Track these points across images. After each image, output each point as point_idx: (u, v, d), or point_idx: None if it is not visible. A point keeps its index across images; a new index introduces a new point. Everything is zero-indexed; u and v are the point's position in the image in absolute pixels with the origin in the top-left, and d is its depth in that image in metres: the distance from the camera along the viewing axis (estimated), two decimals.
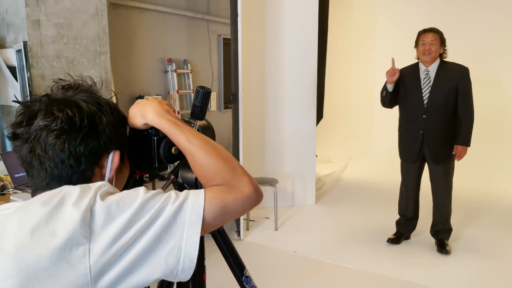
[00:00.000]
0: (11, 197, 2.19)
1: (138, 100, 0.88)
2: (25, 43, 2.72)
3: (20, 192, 2.28)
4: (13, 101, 0.79)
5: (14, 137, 0.74)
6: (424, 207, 3.49)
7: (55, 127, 0.72)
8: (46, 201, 0.66)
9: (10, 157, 2.37)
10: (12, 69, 2.94)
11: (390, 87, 3.26)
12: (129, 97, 4.21)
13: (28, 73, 2.73)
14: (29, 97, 0.76)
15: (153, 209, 0.67)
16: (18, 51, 2.82)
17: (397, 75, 3.19)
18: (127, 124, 0.86)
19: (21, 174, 2.33)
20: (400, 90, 3.30)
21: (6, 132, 3.08)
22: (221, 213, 0.73)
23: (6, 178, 2.42)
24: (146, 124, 0.84)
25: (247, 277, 1.12)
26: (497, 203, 4.58)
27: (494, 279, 2.91)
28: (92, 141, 0.75)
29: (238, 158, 3.56)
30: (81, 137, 0.73)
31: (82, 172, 0.75)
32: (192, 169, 0.82)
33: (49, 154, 0.72)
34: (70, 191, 0.67)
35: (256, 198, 0.79)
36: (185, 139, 0.80)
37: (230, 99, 3.78)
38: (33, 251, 0.61)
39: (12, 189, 2.30)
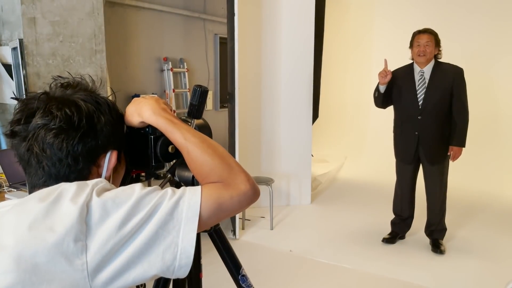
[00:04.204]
0: (6, 195, 2.18)
1: (135, 99, 0.88)
2: (20, 41, 2.71)
3: (15, 190, 2.27)
4: (12, 98, 0.79)
5: (12, 134, 0.74)
6: (419, 207, 3.51)
7: (53, 126, 0.72)
8: (43, 197, 0.66)
9: (5, 155, 2.36)
10: (7, 67, 2.93)
11: (382, 88, 3.27)
12: (125, 95, 4.20)
13: (24, 71, 2.71)
14: (27, 95, 0.76)
15: (149, 205, 0.67)
16: (14, 48, 2.81)
17: (389, 77, 3.19)
18: (124, 123, 0.86)
19: None
20: (393, 91, 3.31)
21: (1, 130, 3.06)
22: (217, 210, 0.74)
23: (1, 176, 2.41)
24: (142, 122, 0.84)
25: (243, 275, 1.12)
26: (492, 203, 4.61)
27: (488, 278, 2.93)
28: (90, 141, 0.75)
29: (234, 157, 3.56)
30: (79, 136, 0.73)
31: (79, 171, 0.75)
32: (189, 166, 0.82)
33: (47, 153, 0.73)
34: (67, 187, 0.68)
35: (253, 195, 0.79)
36: (182, 137, 0.80)
37: (226, 98, 3.78)
38: (31, 246, 0.61)
39: (7, 187, 2.29)
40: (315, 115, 4.85)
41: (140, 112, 0.84)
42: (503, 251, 3.40)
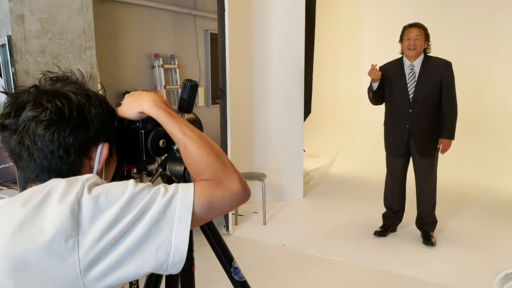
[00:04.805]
0: None
1: (133, 92, 0.89)
2: (9, 38, 2.68)
3: (6, 188, 2.25)
4: (1, 91, 0.79)
5: (2, 128, 0.74)
6: (409, 200, 3.55)
7: (44, 118, 0.71)
8: (32, 195, 0.67)
9: None
10: None
11: (375, 86, 3.30)
12: (115, 92, 4.18)
13: (13, 69, 2.69)
14: (17, 88, 0.76)
15: (142, 203, 0.67)
16: (2, 45, 2.78)
17: (379, 73, 3.23)
18: (115, 117, 0.87)
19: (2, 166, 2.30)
20: (385, 86, 3.34)
21: None
22: (209, 209, 0.74)
23: None
24: (141, 113, 0.85)
25: (235, 268, 1.13)
26: (481, 195, 4.67)
27: (479, 269, 2.98)
28: (81, 132, 0.75)
29: (226, 154, 3.57)
30: (71, 128, 0.73)
31: (71, 163, 0.75)
32: (184, 161, 0.83)
33: (38, 145, 0.72)
34: (57, 184, 0.67)
35: (244, 196, 0.80)
36: (180, 131, 0.81)
37: (218, 95, 3.78)
38: (22, 247, 0.62)
39: None
40: (307, 111, 4.87)
41: (141, 103, 0.84)
42: (493, 242, 3.45)
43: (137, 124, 0.89)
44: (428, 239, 3.36)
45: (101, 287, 0.64)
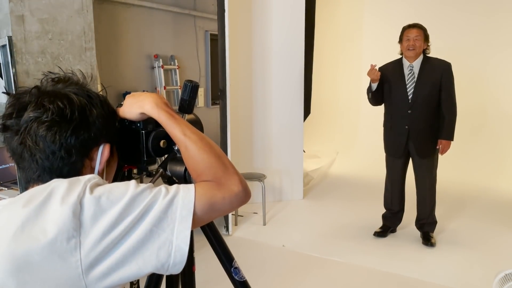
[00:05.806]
0: None
1: (134, 93, 0.89)
2: (9, 39, 2.68)
3: (6, 189, 2.25)
4: (3, 92, 0.79)
5: (4, 129, 0.74)
6: (409, 201, 3.55)
7: (46, 119, 0.72)
8: (34, 195, 0.67)
9: None
10: None
11: (374, 86, 3.30)
12: (115, 93, 4.18)
13: (13, 69, 2.69)
14: (18, 89, 0.76)
15: (144, 203, 0.68)
16: (3, 46, 2.78)
17: (378, 73, 3.23)
18: (117, 118, 0.87)
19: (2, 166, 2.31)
20: (384, 87, 3.34)
21: None
22: (209, 210, 0.75)
23: None
24: (143, 114, 0.85)
25: (235, 268, 1.14)
26: (481, 195, 4.68)
27: (478, 269, 2.98)
28: (82, 133, 0.76)
29: (226, 154, 3.57)
30: (72, 129, 0.74)
31: (72, 164, 0.76)
32: (185, 162, 0.83)
33: (40, 146, 0.73)
34: (59, 184, 0.68)
35: (244, 197, 0.81)
36: (181, 132, 0.81)
37: (218, 95, 3.78)
38: (24, 246, 0.62)
39: None
40: (307, 111, 4.87)
41: (142, 104, 0.84)
42: (492, 242, 3.45)
43: (138, 124, 0.90)
44: (427, 240, 3.36)
45: (102, 287, 0.64)
